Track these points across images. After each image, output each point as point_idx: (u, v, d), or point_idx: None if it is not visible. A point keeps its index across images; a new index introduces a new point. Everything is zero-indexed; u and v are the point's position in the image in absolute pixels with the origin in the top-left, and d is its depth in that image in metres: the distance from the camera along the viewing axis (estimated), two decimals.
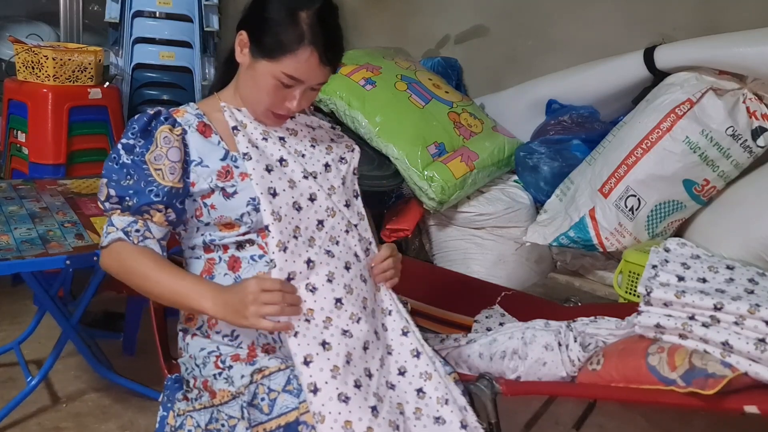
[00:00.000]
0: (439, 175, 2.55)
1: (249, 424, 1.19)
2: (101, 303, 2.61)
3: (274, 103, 1.29)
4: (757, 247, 2.14)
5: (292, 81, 1.26)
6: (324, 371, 1.16)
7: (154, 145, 1.27)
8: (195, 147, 1.30)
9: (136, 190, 1.26)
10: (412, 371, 1.26)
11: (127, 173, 1.27)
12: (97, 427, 2.07)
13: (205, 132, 1.31)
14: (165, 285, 1.24)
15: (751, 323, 1.15)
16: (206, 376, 1.28)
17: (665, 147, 2.30)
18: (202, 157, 1.29)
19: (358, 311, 1.26)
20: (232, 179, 1.28)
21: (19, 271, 1.86)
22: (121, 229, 1.27)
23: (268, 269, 1.27)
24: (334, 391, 1.14)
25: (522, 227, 2.66)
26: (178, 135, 1.29)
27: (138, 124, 1.29)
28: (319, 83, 1.29)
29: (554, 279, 2.68)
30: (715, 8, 2.60)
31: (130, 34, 3.35)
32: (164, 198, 1.26)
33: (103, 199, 1.29)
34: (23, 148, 2.89)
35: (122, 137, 1.30)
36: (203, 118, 1.33)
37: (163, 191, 1.25)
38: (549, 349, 1.37)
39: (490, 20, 3.30)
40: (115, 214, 1.28)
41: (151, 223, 1.28)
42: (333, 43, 1.26)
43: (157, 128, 1.29)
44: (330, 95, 2.70)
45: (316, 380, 1.15)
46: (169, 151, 1.27)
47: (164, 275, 1.24)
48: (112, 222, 1.28)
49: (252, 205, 1.27)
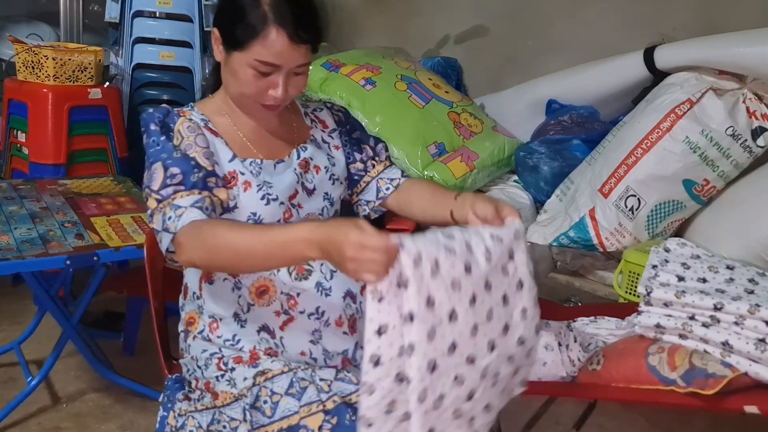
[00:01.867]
0: (439, 175, 2.54)
1: (251, 427, 1.19)
2: (101, 303, 2.62)
3: (258, 94, 1.24)
4: (757, 247, 2.14)
5: (267, 67, 1.20)
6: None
7: (178, 138, 1.23)
8: (209, 141, 1.27)
9: (195, 165, 1.19)
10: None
11: (175, 150, 1.20)
12: (98, 427, 2.07)
13: (212, 133, 1.29)
14: (257, 247, 1.08)
15: (751, 323, 1.15)
16: (208, 377, 1.28)
17: (665, 147, 2.30)
18: (214, 151, 1.26)
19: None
20: (236, 186, 1.25)
21: (19, 271, 1.86)
22: (191, 206, 1.14)
23: (268, 274, 1.27)
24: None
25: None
26: (196, 124, 1.26)
27: (157, 117, 1.25)
28: (299, 65, 1.22)
29: (554, 279, 2.68)
30: (715, 8, 2.60)
31: (130, 34, 3.35)
32: (218, 179, 1.21)
33: (159, 185, 1.16)
34: (23, 148, 2.89)
35: (149, 123, 1.23)
36: (208, 122, 1.29)
37: (212, 174, 1.21)
38: (549, 349, 1.37)
39: (490, 20, 3.30)
40: (178, 196, 1.16)
41: (215, 199, 1.19)
42: (302, 20, 1.20)
43: (175, 121, 1.25)
44: (330, 95, 2.70)
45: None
46: (197, 138, 1.24)
47: (250, 236, 1.10)
48: (177, 204, 1.15)
49: (253, 219, 1.26)
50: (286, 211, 1.30)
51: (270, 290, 1.28)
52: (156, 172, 1.18)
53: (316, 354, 1.28)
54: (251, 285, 1.28)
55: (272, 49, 1.19)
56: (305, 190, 1.34)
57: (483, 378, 1.04)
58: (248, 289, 1.28)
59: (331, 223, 1.01)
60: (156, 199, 1.17)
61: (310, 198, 1.35)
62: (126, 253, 1.89)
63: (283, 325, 1.27)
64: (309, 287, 1.29)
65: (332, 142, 1.44)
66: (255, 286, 1.28)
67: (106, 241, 1.91)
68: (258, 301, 1.28)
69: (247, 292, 1.28)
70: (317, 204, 1.36)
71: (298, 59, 1.21)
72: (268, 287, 1.28)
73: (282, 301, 1.28)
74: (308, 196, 1.34)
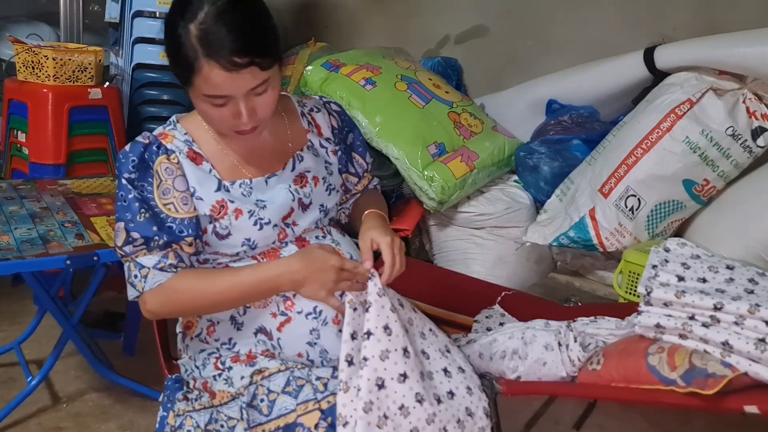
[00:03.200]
0: (439, 175, 2.55)
1: (248, 425, 1.19)
2: (101, 303, 2.62)
3: (226, 123, 1.20)
4: (757, 247, 2.14)
5: (219, 99, 1.15)
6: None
7: (156, 179, 1.21)
8: (190, 175, 1.24)
9: (159, 227, 1.18)
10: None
11: (140, 207, 1.19)
12: (98, 427, 2.07)
13: (195, 159, 1.25)
14: (234, 289, 1.20)
15: (751, 323, 1.15)
16: (206, 377, 1.28)
17: (665, 147, 2.30)
18: (197, 187, 1.24)
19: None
20: (226, 215, 1.23)
21: (19, 271, 1.86)
22: (153, 267, 1.20)
23: None
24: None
25: (522, 227, 2.66)
26: (176, 163, 1.23)
27: (133, 154, 1.22)
28: (252, 88, 1.15)
29: (554, 279, 2.68)
30: (715, 8, 2.60)
31: (130, 34, 3.34)
32: (189, 230, 1.20)
33: (122, 244, 1.19)
34: (23, 148, 2.89)
35: (122, 171, 1.22)
36: (192, 145, 1.26)
37: (183, 224, 1.20)
38: (549, 349, 1.37)
39: (490, 20, 3.29)
40: (141, 254, 1.20)
41: (181, 252, 1.22)
42: (236, 44, 1.10)
43: (154, 160, 1.22)
44: (330, 95, 2.70)
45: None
46: (175, 181, 1.22)
47: (224, 281, 1.20)
48: (141, 263, 1.20)
49: (247, 245, 1.25)
50: (280, 232, 1.29)
51: None
52: (119, 232, 1.21)
53: (313, 356, 1.28)
54: None
55: (212, 81, 1.12)
56: (301, 206, 1.33)
57: (429, 424, 1.14)
58: None
59: (307, 260, 1.20)
60: (120, 254, 1.22)
61: (306, 213, 1.34)
62: None
63: (281, 326, 1.27)
64: None
65: (330, 147, 1.43)
66: None
67: (106, 241, 1.91)
68: (254, 303, 1.28)
69: None
70: (312, 217, 1.35)
71: (245, 84, 1.14)
72: None
73: (278, 302, 1.27)
74: (303, 212, 1.33)
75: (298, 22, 4.02)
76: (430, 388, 1.19)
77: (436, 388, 1.20)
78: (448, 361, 1.27)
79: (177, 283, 1.21)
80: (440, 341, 1.33)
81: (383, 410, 1.11)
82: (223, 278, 1.22)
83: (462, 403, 1.21)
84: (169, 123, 1.30)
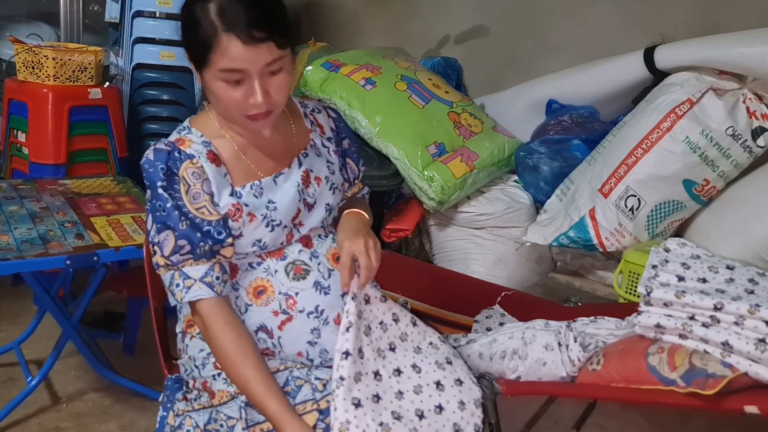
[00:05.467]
0: (439, 175, 2.55)
1: (246, 425, 1.20)
2: (101, 303, 2.62)
3: (239, 106, 1.19)
4: (757, 247, 2.14)
5: (234, 74, 1.16)
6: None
7: (184, 185, 1.21)
8: (212, 178, 1.24)
9: (201, 233, 1.19)
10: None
11: (180, 215, 1.19)
12: (98, 427, 2.07)
13: (215, 161, 1.25)
14: (249, 389, 1.19)
15: (751, 323, 1.15)
16: (205, 376, 1.28)
17: (665, 147, 2.30)
18: (215, 191, 1.24)
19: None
20: (241, 219, 1.24)
21: (19, 271, 1.86)
22: (200, 280, 1.20)
23: (265, 275, 1.28)
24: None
25: (522, 227, 2.66)
26: (200, 167, 1.23)
27: (160, 162, 1.21)
28: (268, 63, 1.16)
29: (554, 279, 2.68)
30: (715, 8, 2.60)
31: (130, 34, 3.35)
32: (225, 231, 1.21)
33: (169, 253, 1.19)
34: (23, 148, 2.89)
35: (154, 179, 1.21)
36: (210, 146, 1.26)
37: (220, 226, 1.21)
38: (549, 349, 1.37)
39: (490, 20, 3.29)
40: (186, 264, 1.20)
41: (224, 262, 1.23)
42: (254, 18, 1.14)
43: (178, 166, 1.22)
44: (330, 95, 2.70)
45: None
46: (203, 184, 1.22)
47: (248, 375, 1.19)
48: (187, 273, 1.20)
49: (258, 246, 1.26)
50: (288, 234, 1.30)
51: (268, 290, 1.28)
52: (167, 240, 1.19)
53: (313, 355, 1.28)
54: (248, 286, 1.28)
55: (229, 55, 1.14)
56: (306, 206, 1.33)
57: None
58: (245, 290, 1.28)
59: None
60: (165, 264, 1.21)
61: (311, 213, 1.34)
62: (126, 253, 1.89)
63: (282, 324, 1.27)
64: (307, 286, 1.29)
65: (331, 147, 1.43)
66: (252, 286, 1.28)
67: (106, 241, 1.91)
68: (256, 301, 1.28)
69: (245, 293, 1.28)
70: (318, 217, 1.35)
71: (262, 59, 1.15)
72: (266, 287, 1.28)
73: (280, 300, 1.27)
74: (309, 212, 1.33)
75: (298, 22, 4.02)
76: (411, 405, 1.19)
77: (423, 402, 1.20)
78: (444, 373, 1.26)
79: (220, 335, 1.21)
80: (441, 353, 1.32)
81: (362, 428, 1.12)
82: (249, 372, 1.19)
83: (450, 419, 1.20)
84: (182, 128, 1.30)
